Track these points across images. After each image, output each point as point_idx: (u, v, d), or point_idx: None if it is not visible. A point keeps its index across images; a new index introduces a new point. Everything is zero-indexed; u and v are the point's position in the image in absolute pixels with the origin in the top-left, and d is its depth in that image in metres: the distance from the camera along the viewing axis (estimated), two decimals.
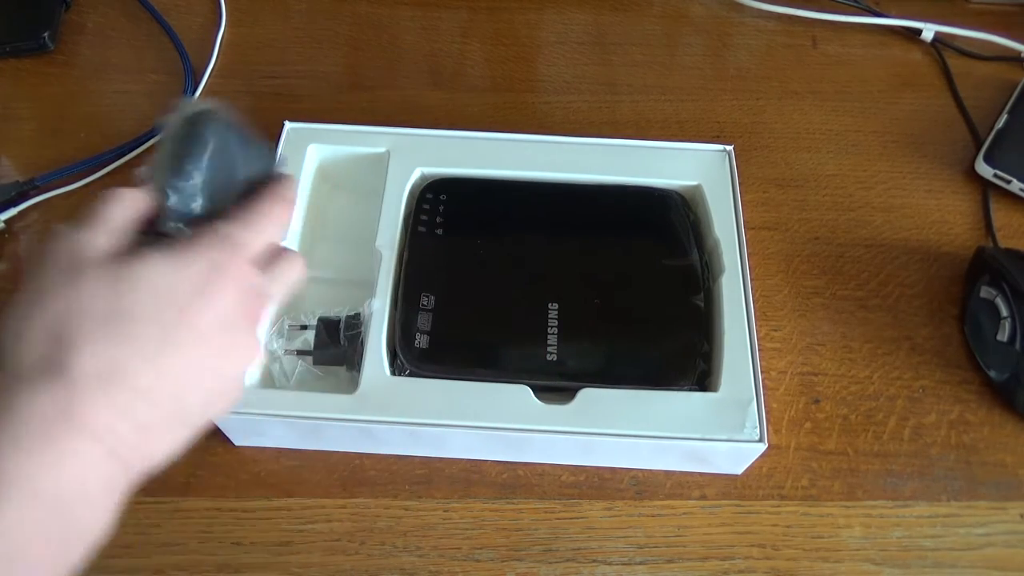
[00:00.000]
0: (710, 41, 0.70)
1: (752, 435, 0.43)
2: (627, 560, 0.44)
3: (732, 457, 0.45)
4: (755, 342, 0.45)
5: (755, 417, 0.43)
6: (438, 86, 0.66)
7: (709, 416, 0.43)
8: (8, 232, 0.56)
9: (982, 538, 0.45)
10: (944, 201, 0.59)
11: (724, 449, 0.43)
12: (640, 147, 0.54)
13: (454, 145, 0.53)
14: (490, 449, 0.46)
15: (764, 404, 0.44)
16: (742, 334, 0.45)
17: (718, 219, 0.50)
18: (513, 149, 0.53)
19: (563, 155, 0.53)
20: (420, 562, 0.44)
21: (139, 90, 0.64)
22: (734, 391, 0.44)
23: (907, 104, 0.65)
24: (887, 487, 0.47)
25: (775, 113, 0.64)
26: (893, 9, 0.70)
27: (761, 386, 0.44)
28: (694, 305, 0.47)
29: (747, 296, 0.47)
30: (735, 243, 0.49)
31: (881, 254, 0.56)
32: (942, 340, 0.52)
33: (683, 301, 0.47)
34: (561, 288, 0.47)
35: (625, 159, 0.53)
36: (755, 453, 0.44)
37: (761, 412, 0.43)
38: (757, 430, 0.43)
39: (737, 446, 0.43)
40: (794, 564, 0.44)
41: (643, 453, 0.45)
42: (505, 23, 0.70)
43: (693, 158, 0.53)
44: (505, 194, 0.52)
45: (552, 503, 0.46)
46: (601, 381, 0.44)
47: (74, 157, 0.59)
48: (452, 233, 0.50)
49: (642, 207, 0.52)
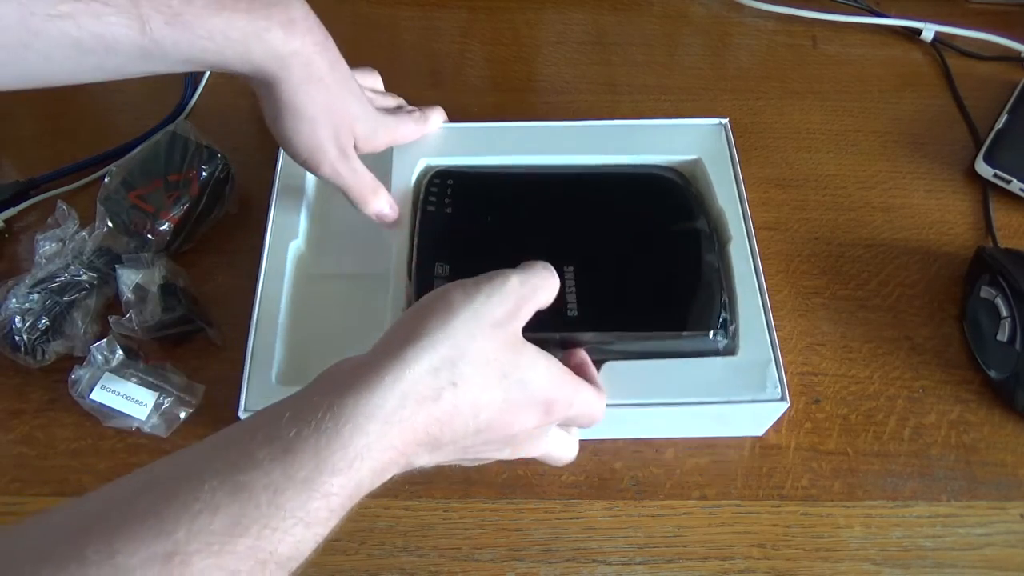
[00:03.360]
0: (710, 41, 0.70)
1: (774, 394, 0.44)
2: (627, 560, 0.44)
3: (755, 418, 0.46)
4: (768, 304, 0.46)
5: (775, 377, 0.44)
6: (438, 86, 0.66)
7: (731, 379, 0.44)
8: (8, 232, 0.56)
9: (982, 538, 0.45)
10: (944, 201, 0.59)
11: (747, 410, 0.44)
12: (639, 126, 0.54)
13: (456, 135, 0.54)
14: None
15: (782, 364, 0.44)
16: (754, 298, 0.46)
17: (720, 191, 0.51)
18: (515, 136, 0.54)
19: (565, 138, 0.54)
20: (420, 562, 0.44)
21: (139, 90, 0.64)
22: (752, 353, 0.45)
23: (907, 104, 0.65)
24: (887, 487, 0.47)
25: (775, 113, 0.64)
26: (893, 9, 0.70)
27: (778, 346, 0.45)
28: (708, 261, 0.47)
29: (755, 261, 0.48)
30: (739, 212, 0.50)
31: (881, 254, 0.56)
32: (942, 340, 0.52)
33: (697, 259, 0.47)
34: (575, 253, 0.47)
35: (625, 138, 0.54)
36: (777, 412, 0.45)
37: (780, 371, 0.44)
38: (779, 389, 0.44)
39: (760, 406, 0.44)
40: (794, 564, 0.44)
41: (670, 421, 0.46)
42: (505, 23, 0.70)
43: (691, 133, 0.54)
44: (511, 179, 0.52)
45: (552, 503, 0.46)
46: (626, 329, 0.44)
47: (74, 157, 0.59)
48: (461, 211, 0.50)
49: (645, 184, 0.52)
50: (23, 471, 0.46)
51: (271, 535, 0.26)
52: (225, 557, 0.25)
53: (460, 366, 0.32)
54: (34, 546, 0.25)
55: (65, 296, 0.49)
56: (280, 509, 0.26)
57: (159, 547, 0.24)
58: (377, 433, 0.29)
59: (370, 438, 0.29)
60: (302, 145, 0.44)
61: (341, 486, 0.28)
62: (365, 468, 0.29)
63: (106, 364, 0.46)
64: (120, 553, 0.24)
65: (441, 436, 0.32)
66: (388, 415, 0.30)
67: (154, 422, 0.46)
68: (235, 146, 0.57)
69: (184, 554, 0.24)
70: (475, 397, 0.32)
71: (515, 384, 0.33)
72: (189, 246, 0.54)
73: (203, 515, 0.25)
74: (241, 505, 0.26)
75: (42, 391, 0.49)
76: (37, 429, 0.48)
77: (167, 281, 0.49)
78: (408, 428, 0.30)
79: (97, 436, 0.47)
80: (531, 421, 0.35)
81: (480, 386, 0.32)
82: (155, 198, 0.52)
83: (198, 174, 0.53)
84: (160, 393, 0.46)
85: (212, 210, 0.54)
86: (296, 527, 0.27)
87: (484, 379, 0.32)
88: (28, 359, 0.48)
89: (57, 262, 0.50)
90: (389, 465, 0.30)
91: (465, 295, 0.33)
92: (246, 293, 0.48)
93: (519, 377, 0.34)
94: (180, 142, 0.54)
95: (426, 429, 0.31)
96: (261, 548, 0.26)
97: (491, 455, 0.36)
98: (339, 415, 0.29)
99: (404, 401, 0.30)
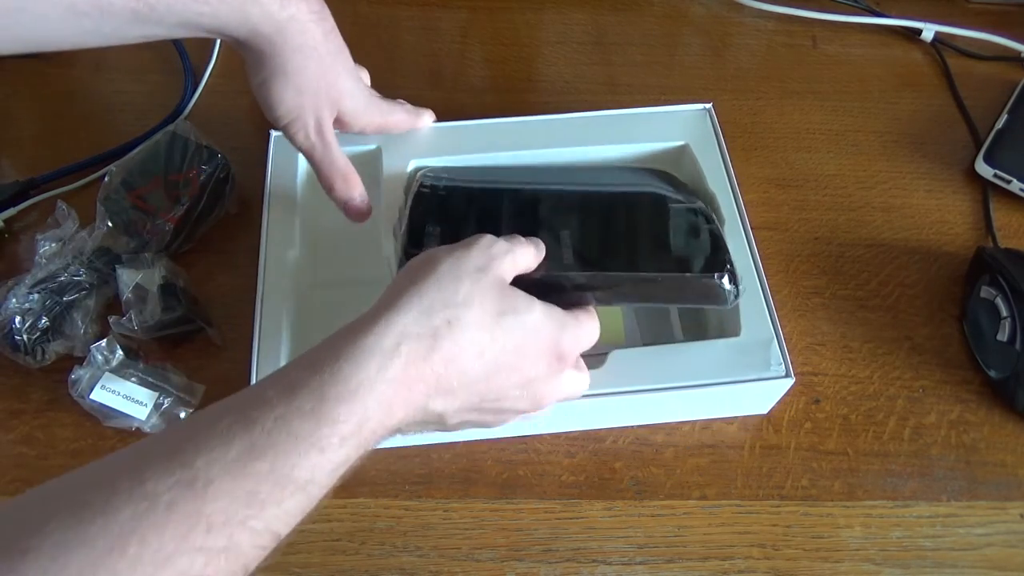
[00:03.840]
0: (710, 41, 0.70)
1: (778, 371, 0.44)
2: (627, 560, 0.44)
3: (760, 396, 0.47)
4: (765, 284, 0.47)
5: (779, 355, 0.45)
6: (438, 86, 0.66)
7: (735, 359, 0.45)
8: (8, 232, 0.56)
9: (982, 538, 0.45)
10: (944, 201, 0.59)
11: (753, 389, 0.45)
12: (624, 115, 0.55)
13: (445, 134, 0.53)
14: (532, 424, 0.46)
15: (784, 342, 0.45)
16: (752, 279, 0.47)
17: (710, 175, 0.51)
18: (503, 131, 0.53)
19: (552, 131, 0.54)
20: (420, 562, 0.44)
21: (139, 90, 0.64)
22: (754, 333, 0.45)
23: (907, 104, 0.65)
24: (887, 487, 0.47)
25: (775, 113, 0.64)
26: (893, 9, 0.70)
27: (779, 325, 0.45)
28: (710, 228, 0.46)
29: (750, 243, 0.48)
30: (730, 195, 0.50)
31: (881, 254, 0.56)
32: (942, 340, 0.52)
33: (698, 228, 0.47)
34: (572, 220, 0.46)
35: (611, 128, 0.54)
36: (782, 389, 0.46)
37: (783, 349, 0.45)
38: (782, 366, 0.44)
39: (765, 384, 0.45)
40: (794, 564, 0.44)
41: (677, 405, 0.47)
42: (505, 23, 0.70)
43: (676, 120, 0.54)
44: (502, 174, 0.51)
45: (552, 503, 0.46)
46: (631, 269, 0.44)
47: (74, 157, 0.59)
48: (456, 191, 0.49)
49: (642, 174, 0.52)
50: (23, 471, 0.46)
51: (286, 459, 0.28)
52: (244, 480, 0.27)
53: (452, 307, 0.33)
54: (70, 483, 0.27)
55: (65, 296, 0.49)
56: (292, 436, 0.29)
57: (183, 474, 0.27)
58: (377, 367, 0.31)
59: (370, 372, 0.31)
60: (283, 110, 0.45)
61: (349, 412, 0.30)
62: (371, 400, 0.31)
63: (106, 364, 0.46)
64: (149, 480, 0.26)
65: (449, 377, 0.33)
66: (386, 352, 0.31)
67: (154, 422, 0.46)
68: (235, 146, 0.57)
69: (205, 479, 0.27)
70: (474, 336, 0.34)
71: (514, 323, 0.35)
72: (189, 246, 0.54)
73: (219, 447, 0.28)
74: (253, 436, 0.28)
75: (42, 391, 0.49)
76: (37, 429, 0.48)
77: (167, 281, 0.49)
78: (411, 364, 0.32)
79: (97, 436, 0.47)
80: (542, 364, 0.36)
81: (477, 324, 0.34)
82: (155, 198, 0.52)
83: (198, 174, 0.53)
84: (160, 393, 0.46)
85: (212, 210, 0.54)
86: (310, 452, 0.29)
87: (480, 318, 0.34)
88: (28, 359, 0.48)
89: (57, 262, 0.50)
90: (396, 400, 0.32)
91: (447, 251, 0.36)
92: (246, 293, 0.48)
93: (516, 316, 0.35)
94: (180, 142, 0.54)
95: (431, 368, 0.32)
96: (277, 471, 0.28)
97: (511, 405, 0.37)
98: (338, 355, 0.31)
99: (401, 339, 0.32)
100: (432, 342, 0.33)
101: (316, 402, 0.30)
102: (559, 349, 0.37)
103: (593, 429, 0.48)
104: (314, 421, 0.29)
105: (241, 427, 0.28)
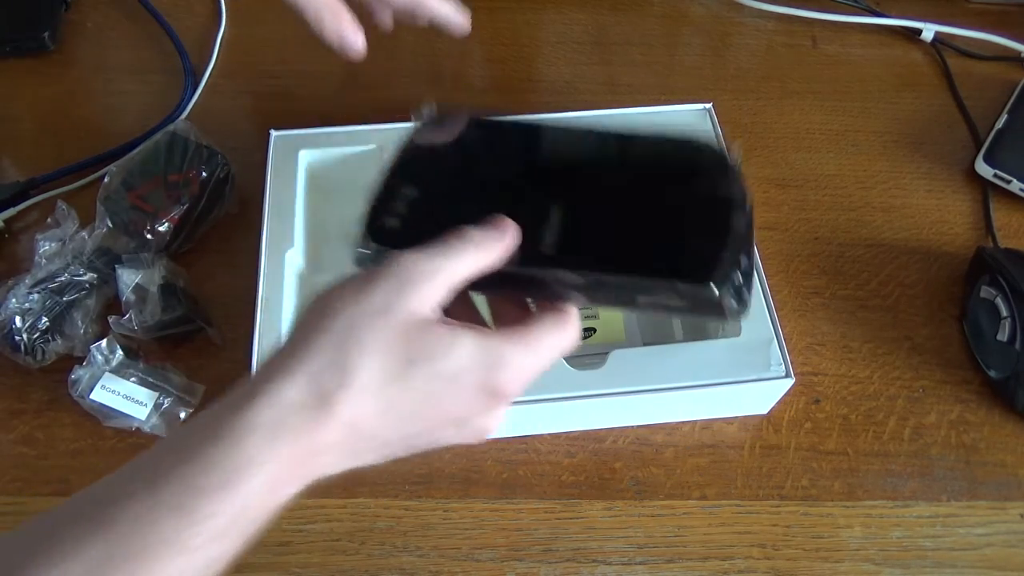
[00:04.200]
0: (710, 41, 0.70)
1: (778, 371, 0.44)
2: (627, 560, 0.44)
3: (760, 396, 0.47)
4: (766, 286, 0.47)
5: (779, 355, 0.45)
6: (438, 86, 0.66)
7: (735, 359, 0.45)
8: (8, 232, 0.56)
9: (982, 538, 0.45)
10: (944, 201, 0.59)
11: (753, 389, 0.45)
12: (624, 115, 0.55)
13: None
14: (533, 423, 0.47)
15: (784, 342, 0.45)
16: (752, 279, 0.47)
17: None
18: None
19: None
20: (420, 562, 0.44)
21: (139, 90, 0.64)
22: (754, 334, 0.46)
23: (907, 104, 0.65)
24: (887, 487, 0.47)
25: (775, 113, 0.64)
26: (893, 9, 0.70)
27: (779, 325, 0.45)
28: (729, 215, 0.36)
29: None
30: None
31: (881, 254, 0.56)
32: (942, 340, 0.52)
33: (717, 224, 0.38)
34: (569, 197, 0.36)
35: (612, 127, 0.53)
36: (782, 389, 0.46)
37: (783, 349, 0.45)
38: (782, 366, 0.45)
39: (765, 384, 0.45)
40: (794, 564, 0.44)
41: (678, 405, 0.47)
42: (505, 23, 0.70)
43: (676, 119, 0.55)
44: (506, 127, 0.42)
45: (552, 503, 0.46)
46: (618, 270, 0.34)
47: (74, 157, 0.59)
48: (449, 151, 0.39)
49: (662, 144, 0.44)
50: (23, 471, 0.46)
51: (147, 570, 0.25)
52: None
53: (347, 366, 0.29)
54: None
55: (65, 296, 0.49)
56: (154, 539, 0.25)
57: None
58: (258, 446, 0.27)
59: (250, 452, 0.27)
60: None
61: (224, 504, 0.26)
62: (253, 483, 0.27)
63: (106, 364, 0.46)
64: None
65: (352, 441, 0.29)
66: (269, 427, 0.27)
67: (154, 422, 0.46)
68: (235, 146, 0.57)
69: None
70: (378, 392, 0.29)
71: (427, 371, 0.30)
72: (189, 246, 0.54)
73: (67, 561, 0.25)
74: (110, 543, 0.25)
75: (42, 391, 0.49)
76: (37, 429, 0.48)
77: (167, 281, 0.49)
78: (301, 437, 0.28)
79: (97, 436, 0.47)
80: (474, 404, 0.31)
81: (379, 380, 0.29)
82: (155, 198, 0.52)
83: (198, 174, 0.53)
84: (160, 393, 0.46)
85: (212, 210, 0.54)
86: (176, 558, 0.25)
87: (380, 373, 0.29)
88: (28, 359, 0.48)
89: (57, 262, 0.50)
90: (284, 477, 0.28)
91: (345, 293, 0.30)
92: (246, 293, 0.48)
93: (429, 364, 0.30)
94: (180, 142, 0.54)
95: (327, 437, 0.28)
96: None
97: (450, 438, 0.33)
98: (214, 434, 0.27)
99: (287, 411, 0.28)
100: (325, 408, 0.28)
101: (184, 496, 0.26)
102: (492, 386, 0.31)
103: (593, 429, 0.48)
104: (181, 518, 0.25)
105: (95, 532, 0.25)
